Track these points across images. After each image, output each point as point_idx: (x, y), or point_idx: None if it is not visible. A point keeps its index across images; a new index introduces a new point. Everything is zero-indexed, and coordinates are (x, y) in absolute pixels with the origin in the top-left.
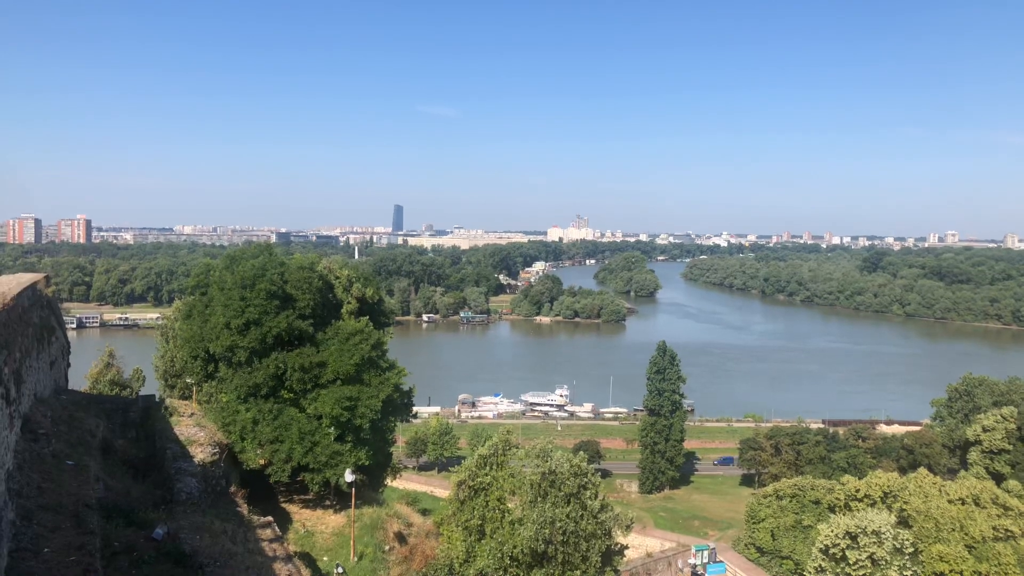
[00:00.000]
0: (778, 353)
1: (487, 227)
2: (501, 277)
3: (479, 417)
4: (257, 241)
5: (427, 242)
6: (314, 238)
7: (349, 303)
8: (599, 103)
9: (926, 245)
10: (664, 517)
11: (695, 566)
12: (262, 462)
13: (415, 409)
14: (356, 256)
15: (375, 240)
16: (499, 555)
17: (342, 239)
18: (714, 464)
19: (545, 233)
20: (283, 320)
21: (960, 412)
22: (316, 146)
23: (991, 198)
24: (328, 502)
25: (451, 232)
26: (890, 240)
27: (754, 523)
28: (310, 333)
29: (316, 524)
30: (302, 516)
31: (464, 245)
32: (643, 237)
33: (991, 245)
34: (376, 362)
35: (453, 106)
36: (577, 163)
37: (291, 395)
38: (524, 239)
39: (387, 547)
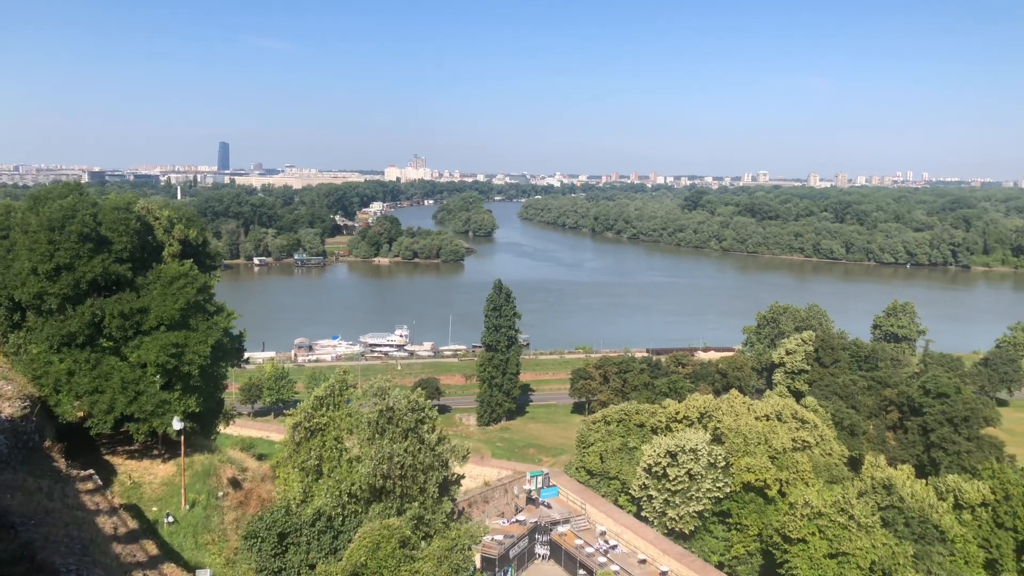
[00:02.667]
0: (608, 288)
1: (321, 166)
2: (337, 218)
3: (317, 361)
4: (66, 180)
5: (257, 181)
6: (132, 178)
7: (171, 246)
8: (436, 43)
9: (741, 184)
10: (501, 447)
11: (530, 491)
12: (80, 414)
13: (248, 355)
14: (179, 196)
15: (200, 180)
16: (337, 493)
17: (163, 179)
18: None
19: (382, 173)
20: (98, 264)
21: (767, 338)
22: (130, 74)
23: (798, 140)
24: (156, 452)
25: (282, 171)
26: (709, 180)
27: (584, 448)
28: (129, 278)
29: (144, 475)
30: (128, 467)
31: (297, 185)
32: (481, 178)
33: (797, 184)
34: (203, 306)
35: (286, 40)
36: (415, 103)
37: (111, 343)
38: (361, 179)
39: (221, 493)
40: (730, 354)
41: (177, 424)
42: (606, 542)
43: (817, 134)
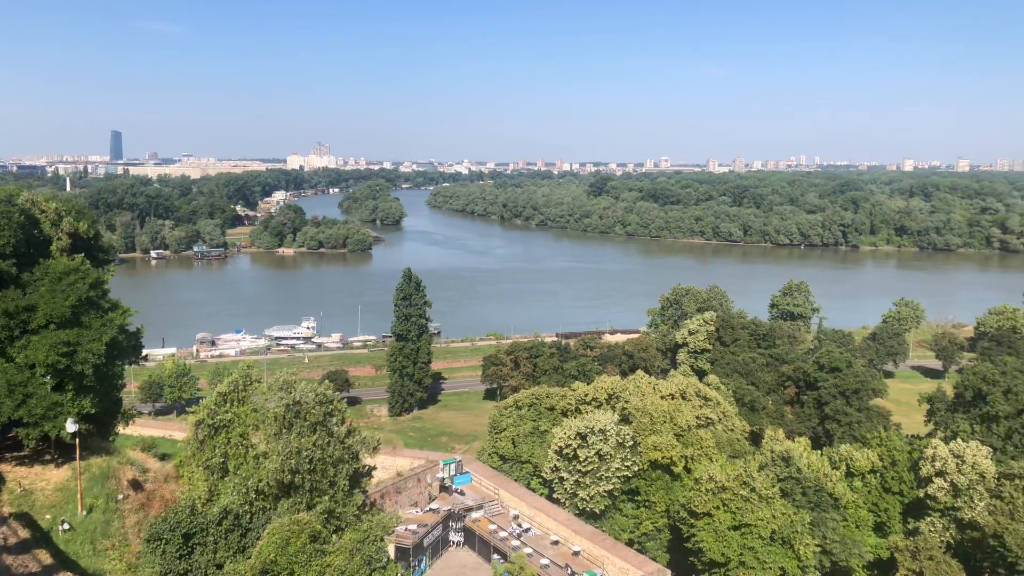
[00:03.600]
0: (518, 274)
1: (220, 155)
2: (238, 208)
3: (220, 356)
4: None
5: (152, 171)
6: (15, 168)
7: (59, 239)
8: (338, 29)
9: (644, 170)
10: (413, 437)
11: (443, 479)
12: None
13: (146, 352)
14: (68, 188)
15: (91, 170)
16: (244, 490)
17: (50, 169)
18: None
19: (285, 161)
20: None
21: (671, 319)
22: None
23: (697, 126)
24: (49, 457)
25: (179, 160)
26: (613, 166)
27: (496, 433)
28: (13, 274)
29: (35, 481)
30: (17, 475)
31: (195, 174)
32: (387, 165)
33: (697, 169)
34: (96, 303)
35: (178, 22)
36: (318, 89)
37: None
38: (262, 167)
39: (120, 496)
40: (636, 336)
41: (71, 426)
42: (519, 526)
43: (716, 121)
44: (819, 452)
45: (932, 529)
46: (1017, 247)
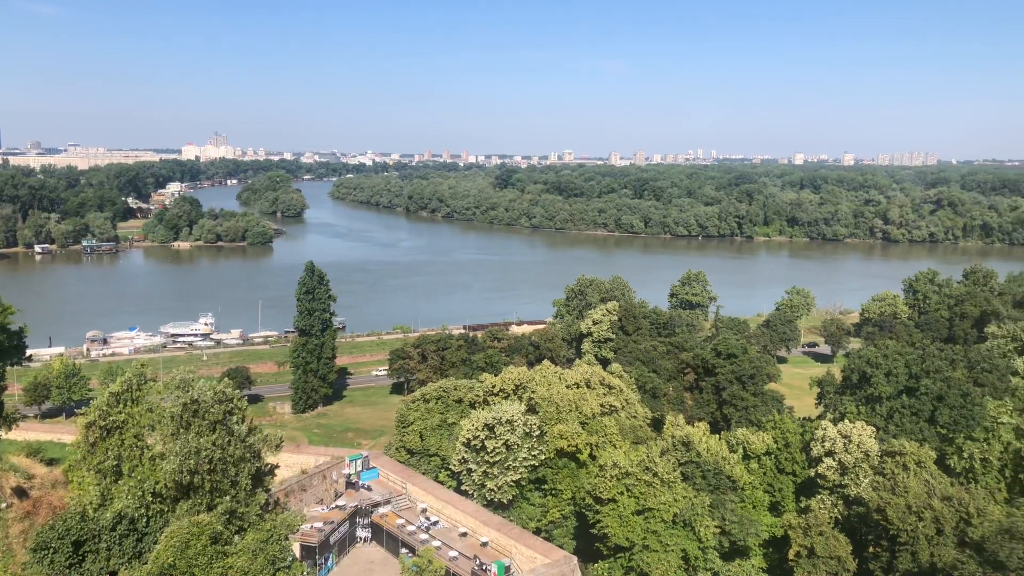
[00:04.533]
0: (425, 267)
1: (110, 144)
2: (130, 200)
3: (112, 355)
4: None
5: (35, 162)
6: None
7: None
8: (235, 14)
9: (548, 163)
10: (318, 433)
11: (349, 475)
12: None
13: (31, 351)
14: None
15: None
16: (139, 493)
17: None
18: None
19: (180, 151)
20: None
21: (576, 309)
22: None
23: (600, 120)
24: None
25: (65, 150)
26: (518, 158)
27: (404, 427)
28: None
29: None
30: None
31: (82, 165)
32: (288, 156)
33: (599, 162)
34: None
35: (60, 4)
36: (214, 77)
37: None
38: (155, 158)
39: (3, 504)
40: (542, 326)
41: None
42: (428, 519)
43: (617, 115)
44: (717, 436)
45: (822, 506)
46: (897, 237)
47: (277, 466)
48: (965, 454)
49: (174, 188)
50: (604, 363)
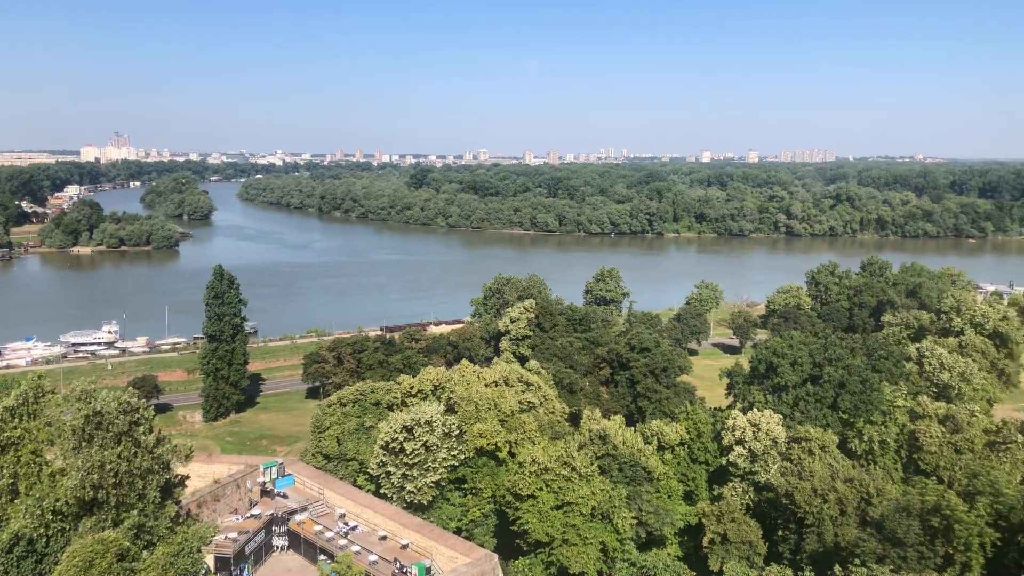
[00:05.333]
0: (340, 268)
1: (1, 146)
2: (24, 204)
3: (7, 367)
4: None
5: None
6: None
7: None
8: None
9: (463, 162)
10: (231, 442)
11: (264, 483)
12: None
13: None
14: None
15: None
16: (38, 512)
17: None
18: None
19: (78, 153)
20: None
21: (493, 308)
22: None
23: (514, 119)
24: None
25: None
26: (433, 158)
27: (320, 432)
28: None
29: None
30: None
31: None
32: (194, 157)
33: (514, 161)
34: None
35: None
36: (115, 74)
37: None
38: (51, 159)
39: None
40: (460, 326)
41: None
42: (346, 524)
43: (531, 114)
44: (633, 429)
45: (734, 493)
46: (800, 231)
47: (188, 477)
48: (865, 437)
49: (73, 191)
50: (522, 360)
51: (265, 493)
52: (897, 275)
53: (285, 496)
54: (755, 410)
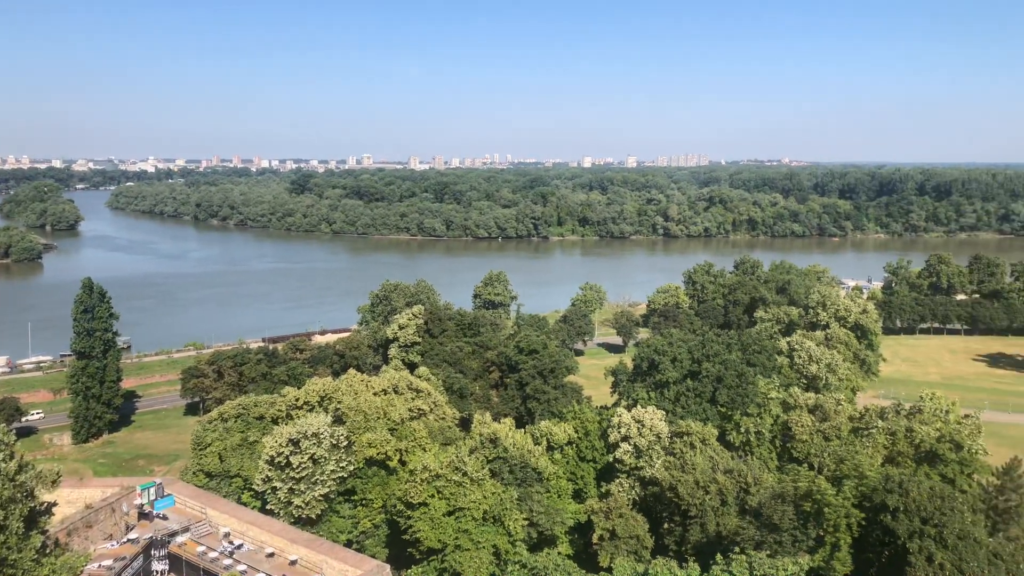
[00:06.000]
0: (220, 278)
1: None
2: None
3: None
4: None
5: None
6: None
7: None
8: None
9: (347, 167)
10: (105, 464)
11: (142, 506)
12: None
13: None
14: None
15: None
16: None
17: None
18: None
19: None
20: None
21: (381, 315)
22: None
23: (398, 124)
24: None
25: None
26: (315, 163)
27: (201, 450)
28: None
29: None
30: None
31: None
32: (58, 164)
33: (399, 166)
34: None
35: None
36: None
37: None
38: None
39: None
40: (347, 334)
41: None
42: (231, 543)
43: (415, 119)
44: (523, 430)
45: (621, 489)
46: (677, 232)
47: (55, 504)
48: (742, 429)
49: None
50: (412, 367)
51: (143, 516)
52: (768, 273)
53: (165, 518)
54: (639, 407)
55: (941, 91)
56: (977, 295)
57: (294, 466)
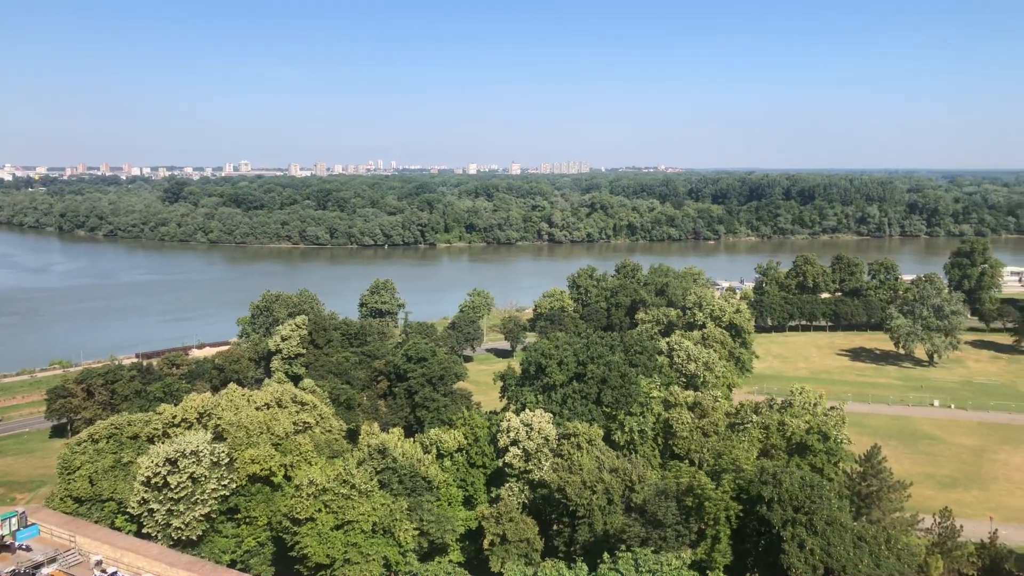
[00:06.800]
0: (88, 292)
1: None
2: None
3: None
4: None
5: None
6: None
7: None
8: None
9: (224, 174)
10: None
11: (2, 537)
12: None
13: None
14: None
15: None
16: None
17: None
18: None
19: None
20: None
21: (262, 326)
22: None
23: (278, 130)
24: None
25: None
26: (189, 170)
27: (69, 474)
28: None
29: None
30: None
31: None
32: None
33: (279, 173)
34: None
35: None
36: None
37: None
38: None
39: None
40: (227, 348)
41: None
42: (103, 571)
43: (296, 124)
44: (412, 439)
45: (511, 493)
46: (561, 238)
47: None
48: (626, 428)
49: None
50: (296, 380)
51: (4, 548)
52: (647, 276)
53: (28, 549)
54: (527, 410)
55: (804, 101)
56: (839, 293)
57: (172, 486)
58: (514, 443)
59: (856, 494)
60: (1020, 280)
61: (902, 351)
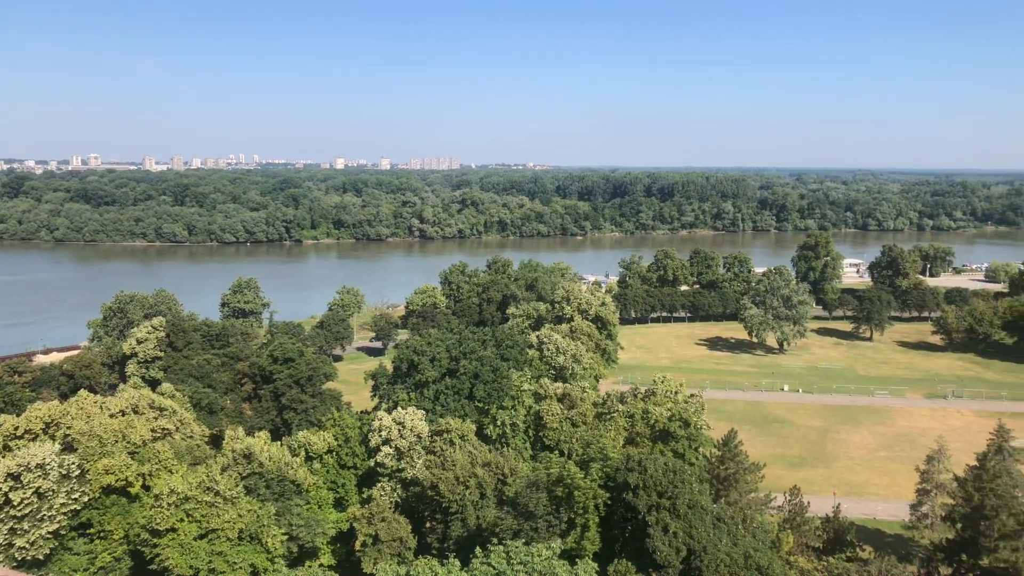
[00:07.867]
0: None
1: None
2: None
3: None
4: None
5: None
6: None
7: None
8: None
9: (71, 168)
10: None
11: None
12: None
13: None
14: None
15: None
16: None
17: None
18: None
19: None
20: None
21: (116, 329)
22: None
23: (130, 122)
24: None
25: None
26: (31, 163)
27: None
28: None
29: None
30: None
31: None
32: None
33: (132, 167)
34: None
35: None
36: None
37: None
38: None
39: None
40: (76, 352)
41: None
42: None
43: (150, 116)
44: (279, 442)
45: (383, 493)
46: (432, 234)
47: None
48: (498, 422)
49: None
50: (154, 384)
51: None
52: (518, 271)
53: None
54: (400, 408)
55: (662, 104)
56: (697, 285)
57: (15, 503)
58: (386, 442)
59: (715, 477)
60: (858, 271)
61: (755, 340)
